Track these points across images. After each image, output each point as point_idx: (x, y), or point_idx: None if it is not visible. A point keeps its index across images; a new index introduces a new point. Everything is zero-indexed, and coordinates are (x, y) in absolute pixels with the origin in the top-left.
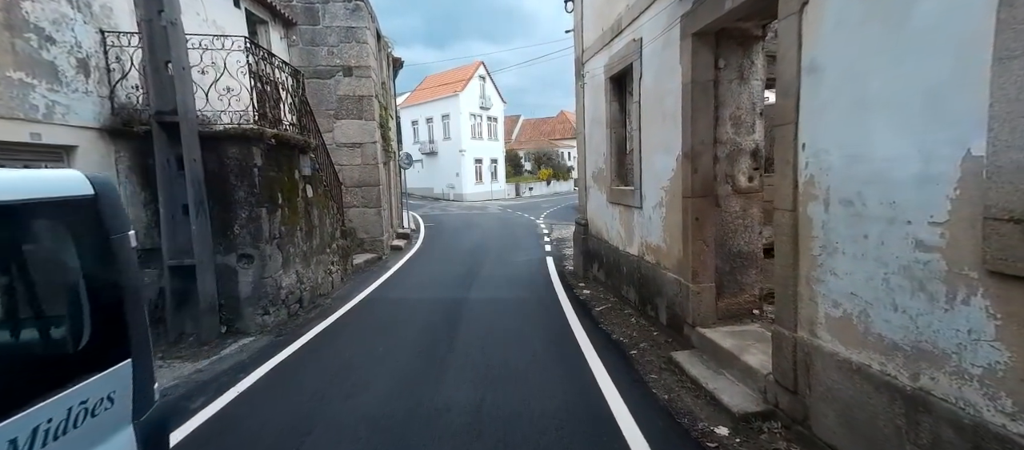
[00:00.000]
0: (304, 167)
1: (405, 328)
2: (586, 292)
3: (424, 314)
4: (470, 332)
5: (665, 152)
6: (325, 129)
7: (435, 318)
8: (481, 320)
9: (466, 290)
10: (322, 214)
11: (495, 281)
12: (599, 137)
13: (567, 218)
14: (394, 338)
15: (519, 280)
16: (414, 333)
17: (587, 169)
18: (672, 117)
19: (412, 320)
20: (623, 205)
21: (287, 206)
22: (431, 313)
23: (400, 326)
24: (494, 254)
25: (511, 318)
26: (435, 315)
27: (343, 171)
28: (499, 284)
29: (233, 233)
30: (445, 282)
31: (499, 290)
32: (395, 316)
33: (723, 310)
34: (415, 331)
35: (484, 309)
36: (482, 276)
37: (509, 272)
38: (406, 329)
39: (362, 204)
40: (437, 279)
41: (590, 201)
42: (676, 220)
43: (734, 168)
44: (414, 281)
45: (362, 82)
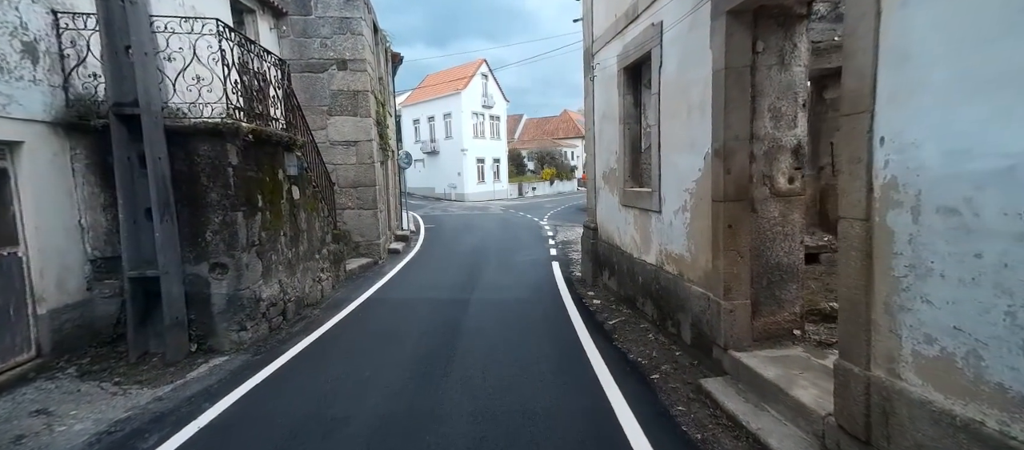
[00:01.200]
0: (289, 166)
1: (398, 345)
2: (596, 302)
3: (420, 328)
4: (470, 350)
5: (690, 150)
6: (318, 126)
7: (431, 333)
8: (482, 335)
9: (466, 299)
10: (311, 217)
11: (497, 288)
12: (611, 134)
13: (571, 219)
14: (384, 357)
15: (523, 287)
16: (407, 352)
17: (597, 169)
18: (699, 110)
19: (406, 335)
20: (638, 208)
21: (269, 209)
22: (428, 326)
23: (392, 343)
24: (496, 258)
25: (515, 332)
26: (432, 329)
27: (337, 171)
28: (502, 292)
29: (204, 240)
30: (444, 290)
31: (502, 299)
32: (388, 330)
33: (760, 330)
34: (409, 349)
35: (485, 322)
36: (483, 283)
37: (512, 278)
38: (399, 347)
39: (357, 206)
40: (435, 287)
41: (600, 203)
42: (703, 227)
43: (772, 168)
44: (410, 289)
45: (357, 76)
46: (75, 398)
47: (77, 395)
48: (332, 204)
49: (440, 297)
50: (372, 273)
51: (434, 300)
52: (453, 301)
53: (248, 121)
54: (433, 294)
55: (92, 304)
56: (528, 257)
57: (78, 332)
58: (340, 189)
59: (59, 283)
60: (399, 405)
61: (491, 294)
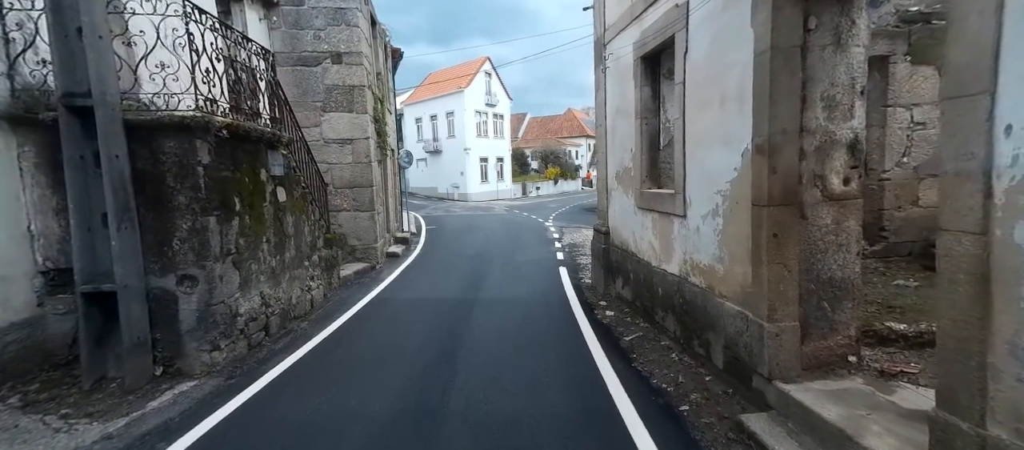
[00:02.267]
0: (274, 166)
1: (390, 367)
2: (610, 314)
3: (416, 344)
4: (471, 373)
5: (723, 146)
6: (311, 123)
7: (429, 351)
8: (486, 355)
9: (468, 310)
10: (299, 221)
11: (502, 298)
12: (625, 130)
13: (577, 220)
14: (375, 381)
15: (529, 296)
16: (401, 375)
17: (608, 168)
18: (736, 100)
19: (401, 353)
20: (657, 212)
21: (248, 213)
22: (425, 342)
23: (385, 363)
24: (500, 262)
25: (522, 352)
26: (429, 346)
27: (331, 170)
28: (506, 300)
29: (171, 249)
30: (444, 299)
31: (507, 310)
32: (381, 347)
33: (809, 357)
34: (402, 372)
35: (489, 338)
36: (486, 290)
37: (518, 286)
38: (391, 369)
39: (353, 208)
40: (435, 295)
41: (613, 205)
42: (740, 234)
43: (825, 166)
44: (408, 298)
45: (353, 70)
46: (8, 437)
47: (12, 433)
48: (324, 206)
49: (440, 307)
50: (368, 279)
51: (433, 310)
52: (454, 311)
53: (223, 114)
54: (432, 304)
55: (44, 322)
56: (534, 261)
57: (26, 354)
58: (335, 190)
59: (3, 299)
60: (389, 444)
61: (495, 304)
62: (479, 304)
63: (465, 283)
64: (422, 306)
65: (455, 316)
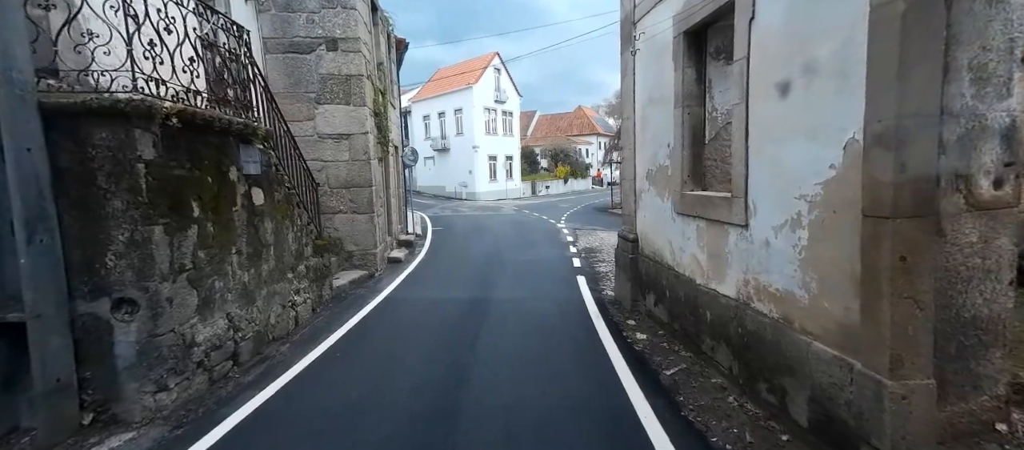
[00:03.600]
0: (247, 163)
1: (381, 412)
2: (642, 337)
3: (413, 378)
4: (479, 424)
5: (809, 137)
6: (304, 116)
7: (428, 389)
8: (495, 395)
9: (475, 329)
10: (281, 227)
11: (515, 315)
12: (660, 122)
13: (591, 222)
14: (360, 434)
15: (546, 313)
16: (392, 426)
17: (637, 167)
18: (834, 75)
19: (394, 392)
20: (706, 220)
21: (212, 220)
22: (424, 377)
23: (374, 406)
24: (512, 271)
25: (542, 389)
26: (429, 382)
27: (327, 169)
28: (520, 319)
29: (104, 266)
30: (448, 316)
31: (521, 331)
32: (371, 380)
33: (945, 425)
34: (395, 420)
35: (500, 369)
36: (497, 305)
37: (532, 300)
38: (382, 414)
39: (350, 209)
40: (438, 311)
41: (643, 209)
42: (838, 255)
43: (971, 163)
44: (408, 314)
45: (350, 58)
46: None
47: None
48: (315, 209)
49: (443, 327)
50: (365, 290)
51: (436, 330)
52: (459, 332)
53: (176, 99)
54: (435, 322)
55: None
56: (548, 269)
57: None
58: (330, 190)
59: None
60: None
61: (506, 325)
62: (488, 325)
63: (472, 295)
64: (423, 325)
65: (460, 341)
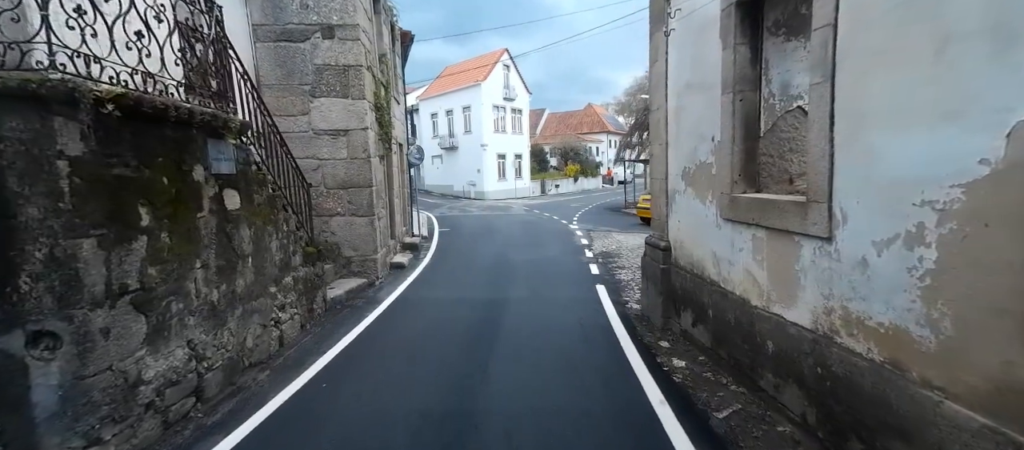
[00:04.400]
0: (218, 161)
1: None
2: (680, 365)
3: (411, 420)
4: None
5: (945, 122)
6: (298, 111)
7: (428, 430)
8: (508, 438)
9: (486, 350)
10: (262, 234)
11: (530, 331)
12: (702, 111)
13: (605, 222)
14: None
15: (567, 332)
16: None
17: (670, 164)
18: (989, 35)
19: (386, 436)
20: (766, 228)
21: (168, 229)
22: (423, 415)
23: None
24: (524, 278)
25: (566, 431)
26: (429, 418)
27: (323, 167)
28: (535, 336)
29: (17, 291)
30: (454, 333)
31: (538, 354)
32: (361, 420)
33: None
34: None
35: (514, 404)
36: (510, 319)
37: (548, 312)
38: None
39: (348, 212)
40: (443, 327)
41: (677, 214)
42: (995, 287)
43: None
44: (408, 331)
45: (347, 47)
46: None
47: None
48: (307, 212)
49: (448, 350)
50: (363, 301)
51: (439, 355)
52: (466, 359)
53: (116, 81)
54: (438, 343)
55: None
56: (564, 277)
57: None
58: (326, 191)
59: None
60: None
61: (522, 349)
62: (500, 342)
63: (482, 308)
64: (426, 344)
65: (467, 372)
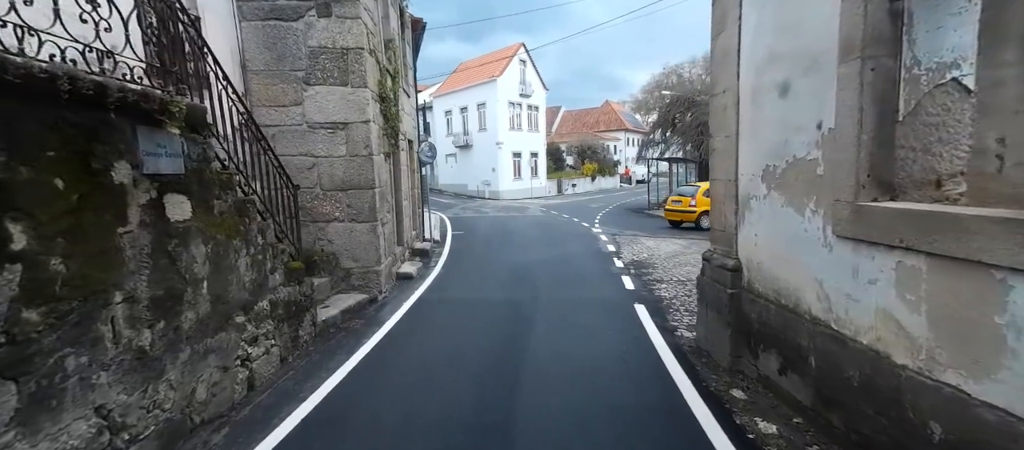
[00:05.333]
0: (154, 157)
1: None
2: (768, 429)
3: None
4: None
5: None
6: (290, 100)
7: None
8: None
9: (507, 398)
10: (225, 251)
11: (562, 371)
12: (801, 89)
13: (628, 225)
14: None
15: (608, 370)
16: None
17: (742, 161)
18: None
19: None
20: (930, 255)
21: (62, 252)
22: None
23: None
24: (547, 291)
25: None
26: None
27: (318, 166)
28: (570, 382)
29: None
30: (467, 372)
31: (573, 407)
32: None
33: None
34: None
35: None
36: (535, 350)
37: (579, 340)
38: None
39: (348, 217)
40: (454, 362)
41: (753, 225)
42: None
43: None
44: (411, 367)
45: (347, 26)
46: None
47: None
48: (293, 219)
49: (459, 394)
50: (362, 322)
51: (447, 401)
52: (482, 406)
53: (63, 57)
54: (447, 384)
55: None
56: (595, 293)
57: None
58: (322, 193)
59: None
60: None
61: (552, 386)
62: (524, 385)
63: (499, 337)
64: (429, 389)
65: (481, 420)
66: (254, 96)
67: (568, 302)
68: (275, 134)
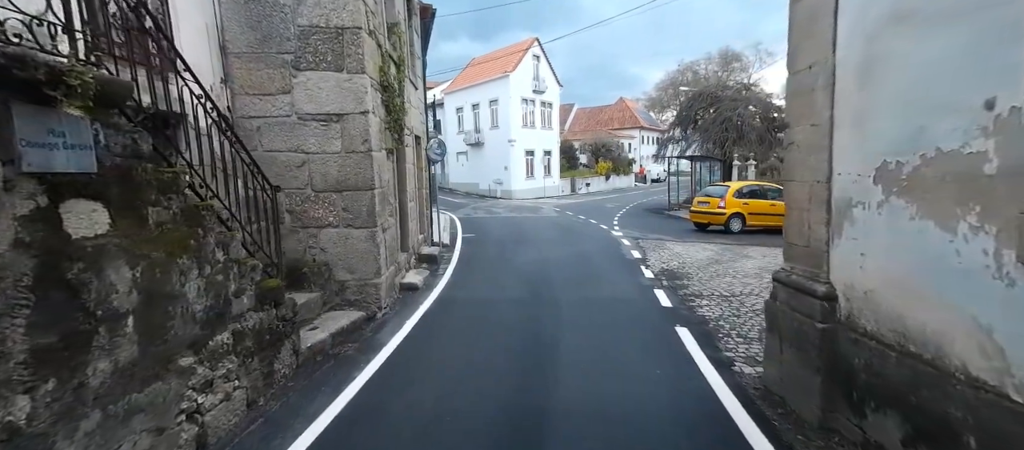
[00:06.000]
0: (41, 149)
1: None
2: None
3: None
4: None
5: None
6: (277, 88)
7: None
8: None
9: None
10: (163, 275)
11: (598, 431)
12: (952, 56)
13: (651, 227)
14: None
15: (656, 427)
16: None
17: (838, 156)
18: None
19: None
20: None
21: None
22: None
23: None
24: (569, 310)
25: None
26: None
27: (310, 164)
28: (609, 444)
29: None
30: (481, 420)
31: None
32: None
33: None
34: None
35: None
36: (561, 396)
37: (617, 380)
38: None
39: (343, 222)
40: (464, 413)
41: (858, 243)
42: None
43: None
44: (412, 411)
45: (342, 3)
46: None
47: None
48: (270, 226)
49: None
50: (356, 348)
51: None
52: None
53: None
54: (457, 437)
55: None
56: (625, 310)
57: None
58: (314, 194)
59: None
60: None
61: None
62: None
63: (517, 367)
64: (435, 440)
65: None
66: (236, 83)
67: (597, 325)
68: (260, 127)
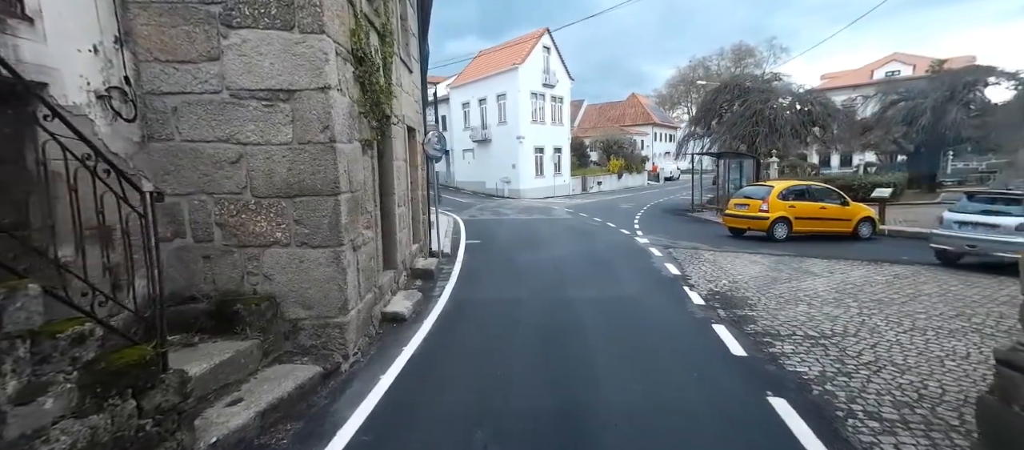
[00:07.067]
0: None
1: None
2: None
3: None
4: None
5: None
6: (200, 55)
7: None
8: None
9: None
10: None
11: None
12: None
13: (678, 232)
14: None
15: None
16: None
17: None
18: None
19: None
20: None
21: None
22: None
23: None
24: (609, 380)
25: None
26: None
27: (248, 159)
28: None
29: None
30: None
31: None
32: None
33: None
34: None
35: None
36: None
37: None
38: None
39: (296, 239)
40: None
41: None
42: None
43: None
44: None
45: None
46: None
47: None
48: (126, 250)
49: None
50: (296, 431)
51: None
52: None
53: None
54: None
55: None
56: (681, 358)
57: None
58: (255, 201)
59: None
60: None
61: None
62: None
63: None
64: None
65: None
66: (140, 44)
67: (647, 396)
68: (177, 107)
